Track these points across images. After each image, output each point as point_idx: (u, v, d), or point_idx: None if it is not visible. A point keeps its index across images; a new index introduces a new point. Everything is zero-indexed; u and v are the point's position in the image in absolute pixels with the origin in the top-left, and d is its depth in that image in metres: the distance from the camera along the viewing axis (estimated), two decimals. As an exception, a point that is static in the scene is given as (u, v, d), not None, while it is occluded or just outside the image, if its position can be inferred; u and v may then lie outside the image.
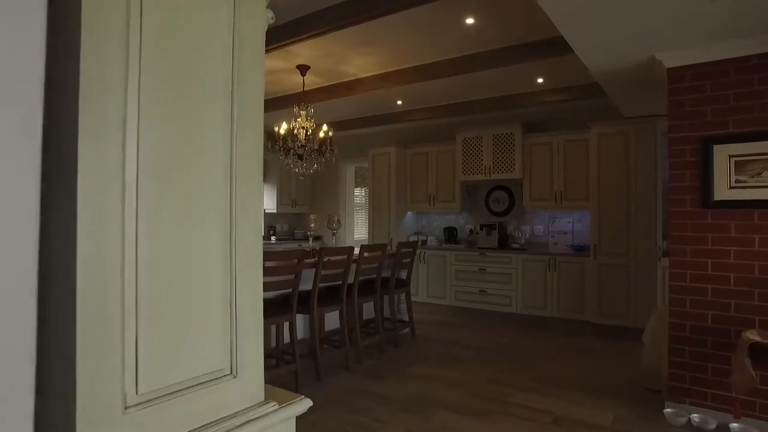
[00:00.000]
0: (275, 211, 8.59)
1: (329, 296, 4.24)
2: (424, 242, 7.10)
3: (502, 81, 5.47)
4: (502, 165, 6.35)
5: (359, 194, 9.16)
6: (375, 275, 4.72)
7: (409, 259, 5.30)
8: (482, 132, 6.52)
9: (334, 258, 4.20)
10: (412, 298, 6.90)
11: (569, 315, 5.70)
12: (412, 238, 7.24)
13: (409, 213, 7.47)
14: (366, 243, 7.49)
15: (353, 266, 4.34)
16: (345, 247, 4.34)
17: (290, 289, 3.78)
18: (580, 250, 5.92)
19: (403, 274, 5.43)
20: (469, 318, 6.43)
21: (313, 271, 3.94)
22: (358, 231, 9.05)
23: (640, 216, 5.27)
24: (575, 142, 5.91)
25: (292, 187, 8.83)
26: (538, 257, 5.92)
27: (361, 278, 4.49)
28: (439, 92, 6.00)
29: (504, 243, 6.54)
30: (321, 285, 4.02)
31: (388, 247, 5.32)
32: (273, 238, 8.53)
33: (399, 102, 6.44)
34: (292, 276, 3.72)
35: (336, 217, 5.37)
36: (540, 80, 5.38)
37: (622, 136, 5.40)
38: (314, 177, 9.12)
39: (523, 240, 6.41)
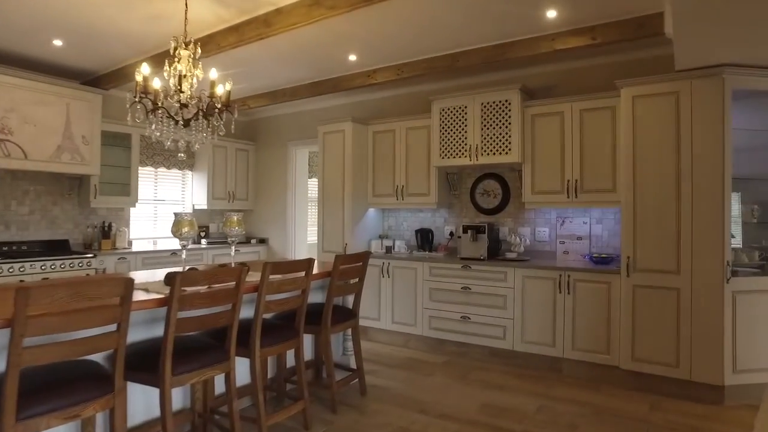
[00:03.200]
0: (206, 207, 6.76)
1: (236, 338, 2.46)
2: (390, 249, 5.34)
3: (496, 18, 3.73)
4: (493, 145, 4.62)
5: (315, 186, 7.34)
6: (297, 306, 2.96)
7: (356, 279, 3.53)
8: (467, 100, 4.77)
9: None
10: (373, 325, 5.17)
11: (589, 356, 3.99)
12: (375, 244, 5.47)
13: (371, 210, 5.70)
14: (322, 249, 5.70)
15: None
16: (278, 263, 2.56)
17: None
18: (602, 263, 4.21)
19: (350, 301, 3.68)
20: (447, 355, 4.69)
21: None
22: (313, 234, 7.27)
23: (699, 215, 3.57)
24: (597, 111, 4.20)
25: (229, 177, 7.00)
26: (543, 273, 4.19)
27: (276, 312, 2.74)
28: (406, 42, 4.25)
29: (495, 251, 4.81)
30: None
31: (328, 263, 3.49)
32: (204, 241, 6.71)
33: (352, 57, 4.67)
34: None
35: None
36: (552, 14, 3.64)
37: (670, 98, 3.69)
38: (258, 165, 7.33)
39: (521, 248, 4.68)
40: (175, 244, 6.26)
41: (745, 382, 3.56)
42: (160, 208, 6.56)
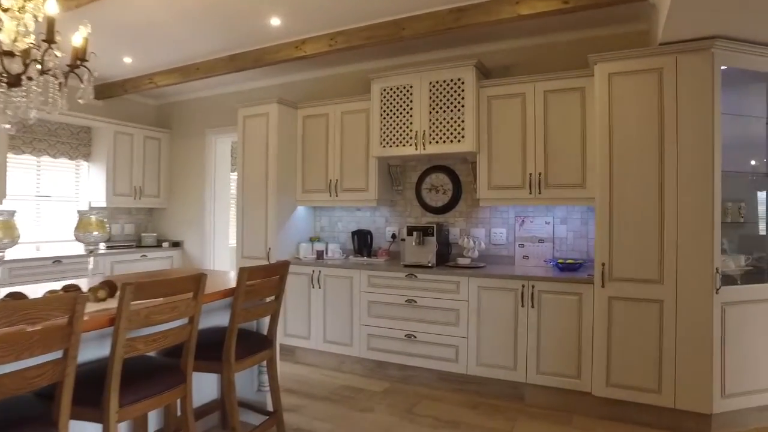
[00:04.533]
0: (105, 205, 5.67)
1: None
2: (322, 254, 4.53)
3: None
4: (444, 132, 3.93)
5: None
6: (183, 340, 2.10)
7: (272, 297, 2.71)
8: (413, 78, 4.05)
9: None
10: (301, 344, 4.34)
11: (556, 381, 3.37)
12: (304, 248, 4.65)
13: (301, 208, 4.87)
14: (242, 255, 4.80)
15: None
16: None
17: None
18: (569, 270, 3.61)
19: (266, 325, 2.86)
20: (389, 380, 3.94)
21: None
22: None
23: (686, 215, 3.02)
24: (565, 93, 3.59)
25: (136, 169, 5.94)
26: (503, 282, 3.53)
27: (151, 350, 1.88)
28: (341, 4, 3.47)
29: (445, 257, 4.13)
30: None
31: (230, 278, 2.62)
32: (103, 246, 5.61)
33: (275, 21, 3.84)
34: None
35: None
36: (517, -31, 2.99)
37: (653, 76, 3.12)
38: (172, 157, 6.30)
39: (475, 252, 4.01)
40: (62, 250, 5.16)
41: (735, 408, 3.04)
42: (45, 205, 5.42)
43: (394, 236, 4.56)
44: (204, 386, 2.93)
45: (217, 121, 5.87)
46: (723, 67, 3.02)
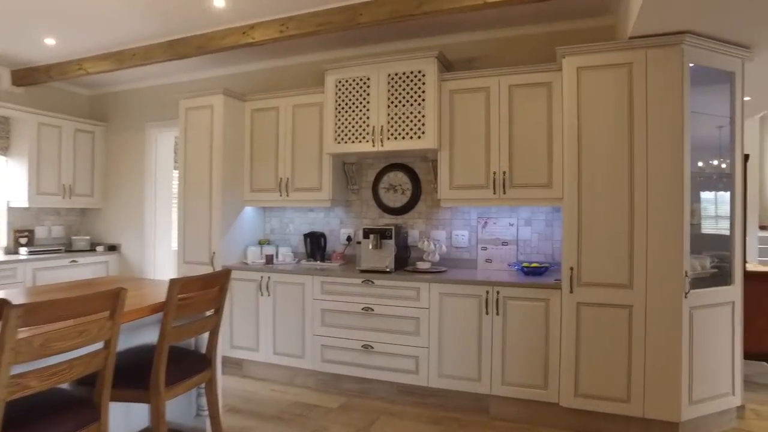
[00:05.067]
0: (27, 205, 5.10)
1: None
2: (271, 258, 4.19)
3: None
4: (403, 127, 3.68)
5: (182, 180, 5.93)
6: (98, 369, 1.74)
7: (211, 311, 2.38)
8: (371, 70, 3.78)
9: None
10: (249, 357, 4.00)
11: (522, 392, 3.18)
12: (252, 252, 4.29)
13: (249, 209, 4.51)
14: (183, 260, 4.38)
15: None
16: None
17: None
18: (535, 274, 3.44)
19: (206, 342, 2.52)
20: (345, 394, 3.66)
21: None
22: (179, 236, 5.86)
23: (656, 216, 2.89)
24: (531, 87, 3.41)
25: (65, 165, 5.40)
26: (466, 288, 3.31)
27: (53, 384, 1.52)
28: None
29: (404, 261, 3.88)
30: None
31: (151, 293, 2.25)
32: (24, 251, 5.06)
33: (219, 3, 3.48)
34: None
35: None
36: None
37: (622, 71, 2.97)
38: (109, 152, 5.78)
39: (436, 255, 3.79)
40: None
41: (701, 414, 2.95)
42: (-45, 205, 4.81)
43: (349, 239, 4.28)
44: (136, 411, 2.56)
45: (159, 115, 5.41)
46: (690, 65, 2.91)
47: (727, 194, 3.37)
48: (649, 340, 2.89)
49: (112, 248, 5.67)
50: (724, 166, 3.37)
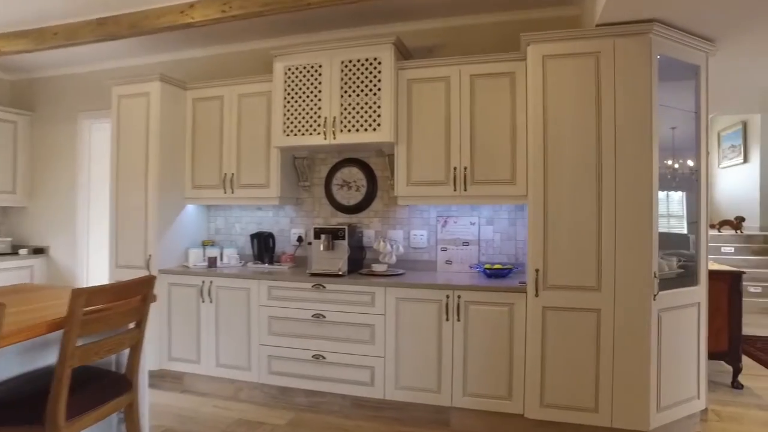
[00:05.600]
0: (-63, 203, 4.54)
1: None
2: (214, 261, 3.83)
3: None
4: (357, 119, 3.41)
5: (119, 176, 5.44)
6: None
7: (132, 324, 2.04)
8: (323, 57, 3.50)
9: None
10: (190, 370, 3.65)
11: (485, 404, 2.97)
12: (194, 254, 3.92)
13: (190, 207, 4.14)
14: (116, 264, 3.95)
15: None
16: None
17: None
18: (498, 276, 3.24)
19: (126, 361, 2.17)
20: (294, 409, 3.35)
21: None
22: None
23: (624, 214, 2.73)
24: (494, 77, 3.20)
25: (-18, 159, 4.84)
26: (424, 293, 3.07)
27: None
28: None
29: (359, 263, 3.62)
30: None
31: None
32: (-66, 252, 4.48)
33: (152, -24, 3.12)
34: None
35: None
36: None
37: (589, 60, 2.80)
38: (36, 145, 5.24)
39: (393, 257, 3.54)
40: None
41: (668, 421, 2.83)
42: None
43: (300, 239, 3.97)
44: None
45: (93, 104, 4.94)
46: (657, 57, 2.78)
47: (678, 194, 3.27)
48: (617, 346, 2.73)
49: (39, 251, 5.15)
50: (676, 166, 3.28)
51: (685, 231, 3.25)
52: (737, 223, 8.30)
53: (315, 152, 3.95)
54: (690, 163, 3.20)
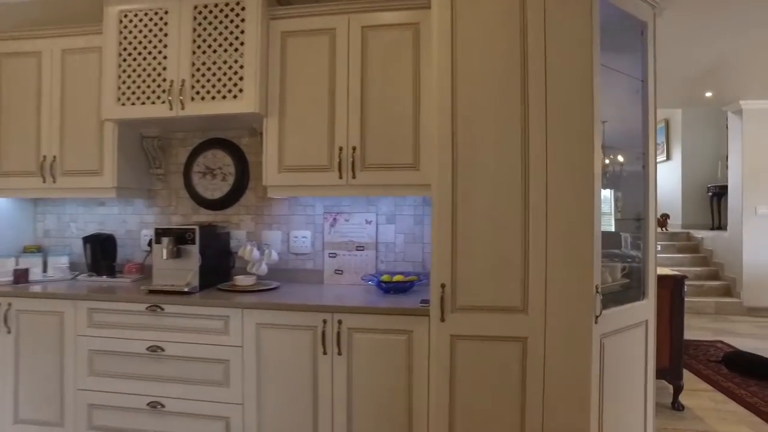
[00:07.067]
0: None
1: None
2: (24, 275, 2.82)
3: None
4: (213, 83, 2.53)
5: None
6: None
7: None
8: (169, 1, 2.59)
9: None
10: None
11: (376, 466, 2.18)
12: (5, 264, 2.89)
13: (3, 201, 3.10)
14: None
15: None
16: None
17: None
18: (398, 291, 2.47)
19: None
20: (121, 478, 2.43)
21: None
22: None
23: (557, 208, 2.02)
24: (390, 29, 2.43)
25: None
26: (293, 317, 2.25)
27: None
28: None
29: (225, 275, 2.74)
30: None
31: None
32: None
33: None
34: None
35: None
36: None
37: (512, 3, 2.07)
38: None
39: (263, 266, 2.68)
40: None
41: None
42: None
43: (150, 243, 3.04)
44: None
45: None
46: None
47: (607, 191, 2.68)
48: (549, 386, 2.02)
49: None
50: (607, 161, 2.71)
51: (612, 228, 2.67)
52: (663, 220, 8.10)
53: (169, 130, 3.03)
54: (620, 158, 2.68)
